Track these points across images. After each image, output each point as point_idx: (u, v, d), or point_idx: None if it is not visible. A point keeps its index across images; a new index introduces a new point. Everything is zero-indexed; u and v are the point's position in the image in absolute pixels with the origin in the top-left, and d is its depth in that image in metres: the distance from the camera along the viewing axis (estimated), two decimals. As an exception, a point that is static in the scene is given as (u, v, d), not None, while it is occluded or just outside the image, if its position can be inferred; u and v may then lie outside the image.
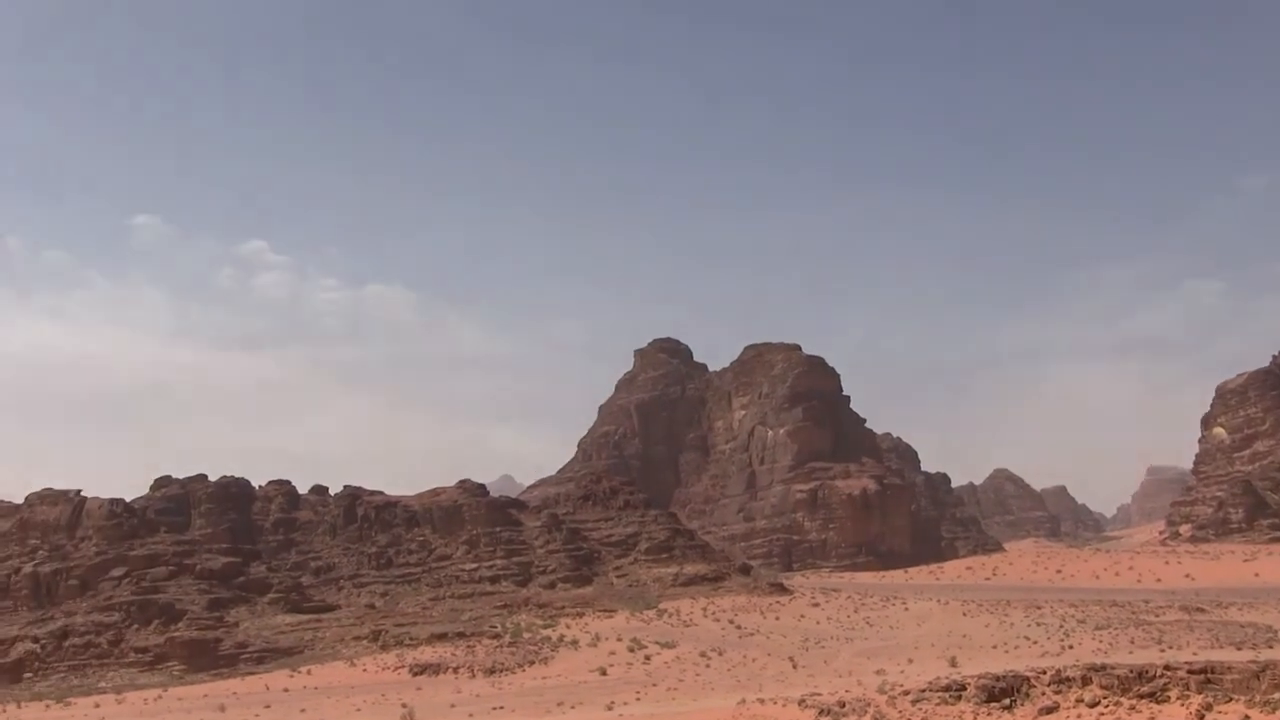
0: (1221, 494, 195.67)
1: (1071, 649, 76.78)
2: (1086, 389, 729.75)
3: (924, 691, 40.29)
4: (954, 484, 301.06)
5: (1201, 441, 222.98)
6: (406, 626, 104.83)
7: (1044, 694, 37.13)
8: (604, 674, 77.17)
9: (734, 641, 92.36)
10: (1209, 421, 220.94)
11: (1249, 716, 32.05)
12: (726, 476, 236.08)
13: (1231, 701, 33.38)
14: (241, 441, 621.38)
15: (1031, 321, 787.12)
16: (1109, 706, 35.04)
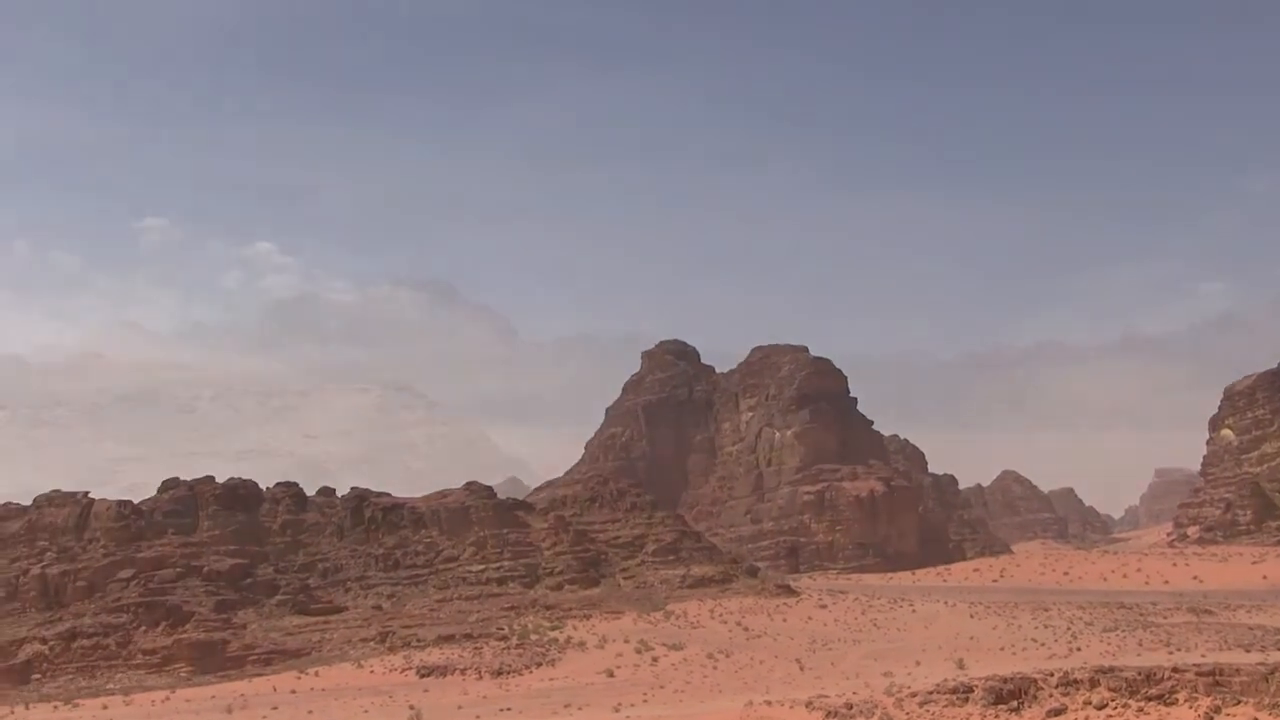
0: (1229, 496, 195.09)
1: (1079, 651, 76.68)
2: (1094, 390, 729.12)
3: (931, 694, 40.31)
4: (961, 485, 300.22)
5: (1209, 443, 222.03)
6: (414, 628, 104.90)
7: (1052, 696, 37.11)
8: (611, 676, 77.18)
9: (741, 643, 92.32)
10: (1217, 423, 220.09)
11: (1258, 718, 32.00)
12: (734, 478, 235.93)
13: (1240, 704, 33.35)
14: (249, 443, 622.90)
15: (1039, 322, 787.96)
16: (1117, 709, 35.02)
